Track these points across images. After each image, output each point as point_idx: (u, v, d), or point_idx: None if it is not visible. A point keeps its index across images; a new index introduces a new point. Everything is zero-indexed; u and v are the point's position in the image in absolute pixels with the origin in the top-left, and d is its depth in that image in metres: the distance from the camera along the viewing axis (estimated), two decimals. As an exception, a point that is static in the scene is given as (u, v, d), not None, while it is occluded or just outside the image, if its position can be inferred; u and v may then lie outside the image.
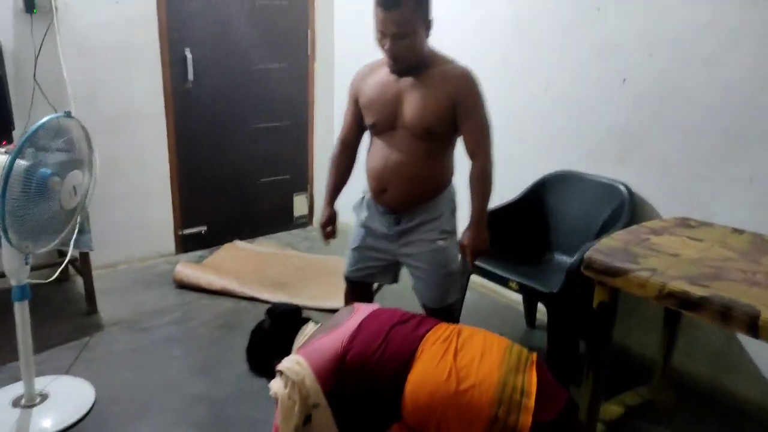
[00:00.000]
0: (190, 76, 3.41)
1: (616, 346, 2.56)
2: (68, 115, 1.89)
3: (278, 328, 1.74)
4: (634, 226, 2.02)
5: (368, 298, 2.26)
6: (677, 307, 1.53)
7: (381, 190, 1.96)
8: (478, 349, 1.45)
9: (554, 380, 1.48)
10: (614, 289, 1.72)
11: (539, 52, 2.76)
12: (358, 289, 2.22)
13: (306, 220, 4.24)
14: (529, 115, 2.86)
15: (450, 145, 1.97)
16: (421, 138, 1.87)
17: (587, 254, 1.74)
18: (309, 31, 3.88)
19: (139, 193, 3.40)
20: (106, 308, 2.85)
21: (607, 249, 1.78)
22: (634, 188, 2.43)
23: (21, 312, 1.99)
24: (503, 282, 2.37)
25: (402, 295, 2.49)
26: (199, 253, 3.67)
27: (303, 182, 4.15)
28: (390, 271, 2.13)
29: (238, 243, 3.77)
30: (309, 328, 1.70)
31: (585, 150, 2.64)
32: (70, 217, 2.00)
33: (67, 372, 2.33)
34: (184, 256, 3.60)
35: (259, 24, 3.63)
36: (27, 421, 2.00)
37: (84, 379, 2.26)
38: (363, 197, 2.12)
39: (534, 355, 1.51)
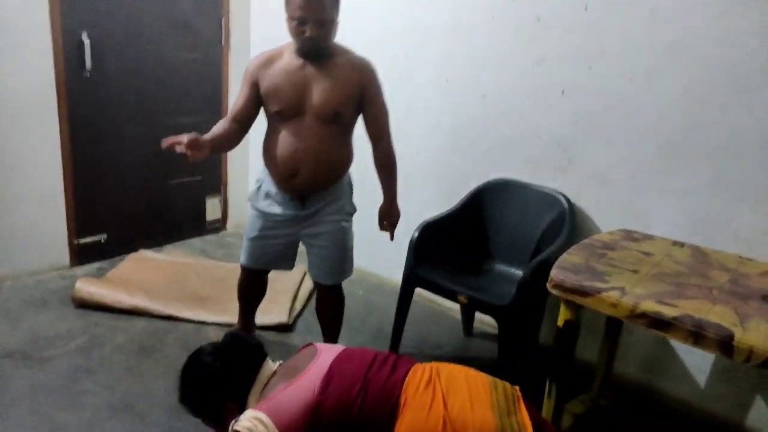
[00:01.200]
0: (88, 64, 3.00)
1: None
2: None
3: (234, 366, 1.52)
4: (586, 241, 2.05)
5: (262, 288, 2.41)
6: (648, 326, 1.55)
7: (290, 175, 2.03)
8: (466, 393, 1.36)
9: (538, 415, 1.43)
10: (579, 308, 1.72)
11: (478, 59, 2.73)
12: (256, 278, 2.36)
13: (219, 225, 3.94)
14: (467, 122, 2.83)
15: (351, 130, 2.12)
16: (329, 122, 2.00)
17: (555, 273, 1.72)
18: (223, 19, 3.59)
19: (26, 199, 2.95)
20: (-8, 336, 2.44)
21: (571, 266, 1.77)
22: (573, 198, 2.48)
23: None
24: (451, 295, 2.31)
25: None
26: (97, 264, 3.27)
27: (216, 184, 3.84)
28: (289, 257, 2.27)
29: (144, 252, 3.40)
30: (267, 369, 1.52)
31: (524, 159, 2.66)
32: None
33: (-50, 421, 1.94)
34: (80, 269, 3.19)
35: (170, 7, 3.29)
36: None
37: (-26, 429, 1.90)
38: (259, 186, 2.19)
39: (517, 390, 1.46)
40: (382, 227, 2.28)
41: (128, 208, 3.41)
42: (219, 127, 2.10)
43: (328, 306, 2.36)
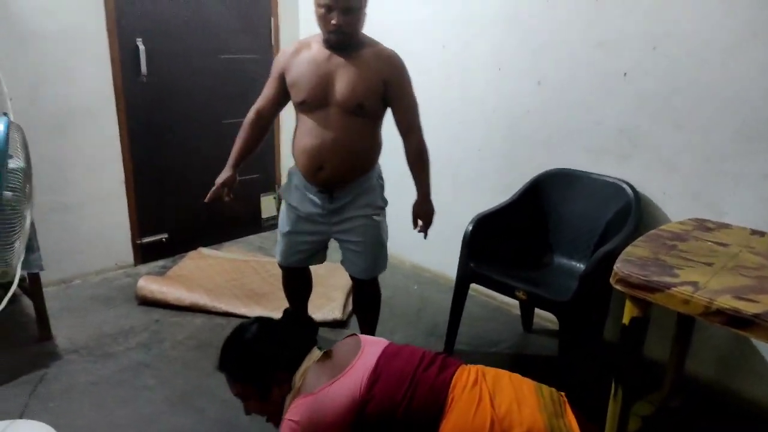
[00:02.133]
0: (144, 69, 3.08)
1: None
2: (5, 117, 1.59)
3: (289, 341, 1.51)
4: (653, 231, 1.91)
5: (305, 283, 2.38)
6: (726, 325, 1.41)
7: (317, 168, 2.01)
8: (512, 394, 1.31)
9: (584, 419, 1.36)
10: (648, 304, 1.59)
11: (532, 45, 2.61)
12: (295, 275, 2.33)
13: (275, 222, 3.97)
14: (523, 111, 2.71)
15: (379, 122, 2.08)
16: (354, 114, 1.96)
17: (619, 267, 1.60)
18: (272, 19, 3.61)
19: (92, 200, 3.06)
20: (62, 332, 2.54)
21: (637, 259, 1.65)
22: (638, 187, 2.33)
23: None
24: (508, 291, 2.22)
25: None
26: (161, 263, 3.37)
27: (270, 182, 3.88)
28: (321, 253, 2.26)
29: (203, 250, 3.48)
30: (313, 356, 1.50)
31: (584, 147, 2.52)
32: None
33: (21, 414, 2.03)
34: (144, 267, 3.29)
35: (220, 10, 3.33)
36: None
37: (43, 423, 1.97)
38: (289, 179, 2.18)
39: (563, 395, 1.40)
40: (415, 224, 2.19)
41: (187, 207, 3.48)
42: (241, 138, 2.18)
43: (364, 300, 2.34)
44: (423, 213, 2.16)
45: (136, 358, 2.39)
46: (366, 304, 2.35)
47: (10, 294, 1.82)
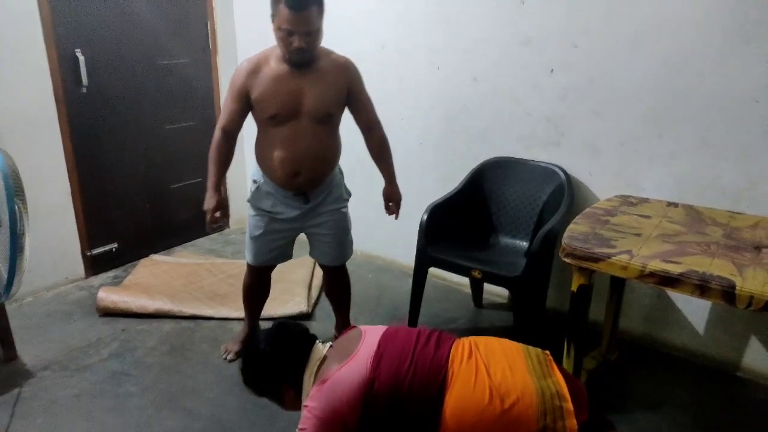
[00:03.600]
0: (84, 80, 3.04)
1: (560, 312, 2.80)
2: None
3: (285, 352, 1.63)
4: (588, 209, 2.20)
5: (269, 283, 2.52)
6: (657, 284, 1.71)
7: (293, 175, 2.14)
8: (504, 360, 1.47)
9: (569, 374, 1.54)
10: (592, 272, 1.87)
11: (466, 43, 2.84)
12: (263, 275, 2.47)
13: (223, 223, 4.02)
14: (460, 106, 2.95)
15: (339, 124, 2.25)
16: (322, 122, 2.13)
17: (566, 243, 1.86)
18: (209, 22, 3.63)
19: (38, 216, 2.97)
20: (27, 351, 2.52)
21: (579, 235, 1.92)
22: (568, 170, 2.63)
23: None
24: (464, 271, 2.46)
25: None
26: (112, 273, 3.35)
27: (215, 184, 3.91)
28: (290, 249, 2.42)
29: (155, 257, 3.49)
30: (318, 351, 1.64)
31: (518, 137, 2.79)
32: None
33: (6, 434, 2.04)
34: (96, 279, 3.27)
35: (156, 16, 3.33)
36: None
37: (33, 439, 2.00)
38: (257, 187, 2.28)
39: (548, 354, 1.57)
40: (388, 208, 2.42)
41: (135, 215, 3.48)
42: (215, 160, 2.26)
43: (339, 285, 2.55)
44: (394, 198, 2.39)
45: (112, 367, 2.43)
46: (339, 289, 2.55)
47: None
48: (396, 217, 2.43)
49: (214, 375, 2.38)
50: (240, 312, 2.78)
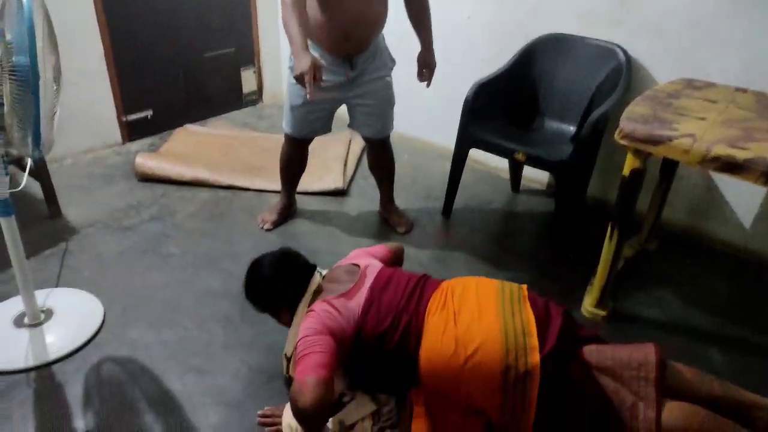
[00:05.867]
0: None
1: (600, 201, 2.73)
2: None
3: (284, 280, 1.67)
4: (649, 92, 2.06)
5: (306, 156, 2.49)
6: (720, 171, 1.61)
7: (343, 39, 2.05)
8: (475, 306, 1.47)
9: (545, 302, 1.52)
10: (647, 156, 1.78)
11: None
12: (301, 147, 2.43)
13: (256, 97, 3.94)
14: (516, -26, 2.71)
15: None
16: None
17: (624, 124, 1.75)
18: None
19: (73, 78, 2.88)
20: (70, 210, 2.58)
21: (639, 117, 1.81)
22: (629, 50, 2.44)
23: (9, 228, 1.75)
24: (507, 153, 2.37)
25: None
26: (148, 140, 3.35)
27: (250, 55, 3.78)
28: (330, 121, 2.35)
29: (189, 127, 3.46)
30: (316, 281, 1.66)
31: (576, 12, 2.57)
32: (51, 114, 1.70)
33: (57, 284, 2.13)
34: (133, 145, 3.27)
35: None
36: (41, 341, 1.84)
37: (81, 290, 2.09)
38: None
39: (524, 289, 1.55)
40: (421, 75, 2.30)
41: (169, 83, 3.40)
42: (297, 21, 1.91)
43: (383, 158, 2.51)
44: (428, 63, 2.27)
45: (153, 229, 2.48)
46: (383, 163, 2.52)
47: (28, 168, 1.86)
48: (428, 85, 2.31)
49: (252, 241, 2.42)
50: (276, 184, 2.77)
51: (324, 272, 1.71)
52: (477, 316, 1.45)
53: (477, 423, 1.42)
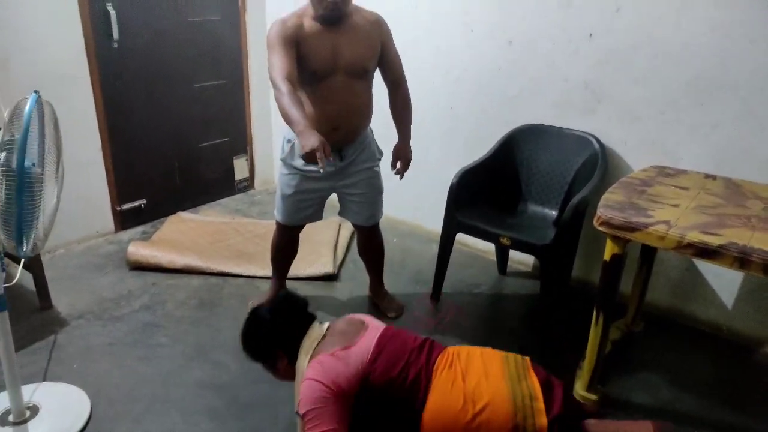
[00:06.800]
0: (115, 35, 3.04)
1: (584, 282, 2.78)
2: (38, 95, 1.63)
3: (284, 323, 1.69)
4: (624, 179, 2.16)
5: (297, 242, 2.54)
6: (695, 256, 1.68)
7: (331, 130, 2.11)
8: (482, 368, 1.53)
9: (547, 374, 1.58)
10: (626, 242, 1.85)
11: (502, 4, 2.77)
12: (292, 234, 2.48)
13: (248, 184, 4.05)
14: (494, 69, 2.89)
15: (372, 80, 2.25)
16: (358, 77, 2.15)
17: (602, 212, 1.83)
18: (238, -21, 3.59)
19: (70, 168, 2.98)
20: (61, 301, 2.58)
21: (615, 204, 1.89)
22: (602, 139, 2.58)
23: (1, 323, 1.75)
24: (493, 238, 2.44)
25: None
26: (140, 228, 3.40)
27: (242, 144, 3.93)
28: (321, 208, 2.42)
29: (182, 214, 3.53)
30: (316, 331, 1.68)
31: (552, 103, 2.74)
32: (53, 211, 1.76)
33: (44, 377, 2.11)
34: (125, 234, 3.32)
35: (186, -28, 3.29)
36: (25, 440, 1.80)
37: (68, 384, 2.06)
38: (292, 145, 2.24)
39: (528, 360, 1.62)
40: (395, 167, 2.37)
41: (163, 172, 3.51)
42: (295, 106, 1.90)
43: (373, 244, 2.58)
44: (403, 156, 2.36)
45: (143, 319, 2.48)
46: (372, 249, 2.59)
47: (22, 264, 1.89)
48: (401, 178, 2.39)
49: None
50: (267, 271, 2.81)
51: (326, 324, 1.72)
52: (484, 376, 1.49)
53: None
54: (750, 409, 2.07)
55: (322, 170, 1.84)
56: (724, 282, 2.45)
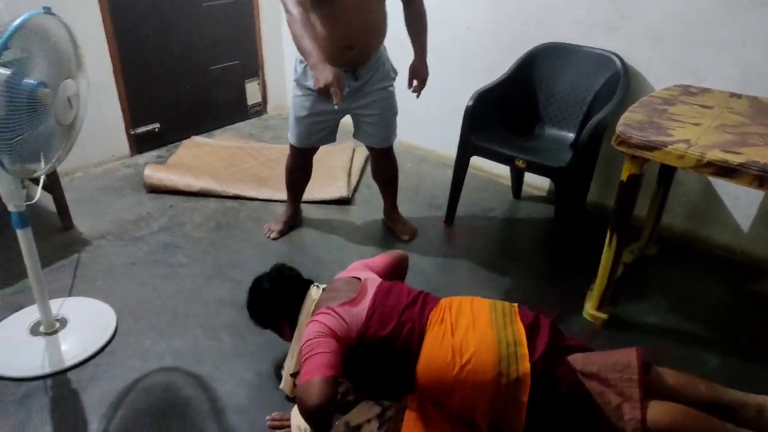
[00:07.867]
0: (122, -51, 2.93)
1: (600, 206, 2.77)
2: (48, 11, 1.59)
3: (281, 293, 1.74)
4: (645, 98, 2.10)
5: (310, 166, 2.54)
6: (715, 175, 1.66)
7: (346, 48, 2.07)
8: (470, 318, 1.54)
9: (535, 315, 1.59)
10: (643, 162, 1.82)
11: None
12: (306, 157, 2.48)
13: (260, 109, 4.00)
14: (514, -16, 2.76)
15: None
16: None
17: (621, 131, 1.80)
18: None
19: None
20: (82, 222, 2.64)
21: (635, 123, 1.85)
22: (625, 58, 2.49)
23: (25, 239, 1.81)
24: (508, 161, 2.42)
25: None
26: (156, 152, 3.41)
27: (253, 68, 3.85)
28: (335, 131, 2.40)
29: (196, 139, 3.53)
30: (313, 294, 1.71)
31: (574, 20, 2.63)
32: (67, 132, 1.76)
33: (70, 293, 2.19)
34: (141, 158, 3.34)
35: None
36: (57, 349, 1.89)
37: (94, 299, 2.14)
38: (305, 66, 2.17)
39: (515, 306, 1.62)
40: (411, 85, 2.30)
41: (176, 96, 3.48)
42: (308, 35, 1.91)
43: (386, 167, 2.56)
44: (420, 73, 2.28)
45: (163, 240, 2.54)
46: (387, 171, 2.57)
47: (41, 182, 1.92)
48: (418, 96, 2.33)
49: (259, 250, 2.48)
50: (282, 194, 2.83)
51: (322, 286, 1.77)
52: (472, 326, 1.52)
53: None
54: (761, 333, 2.09)
55: (337, 106, 1.82)
56: (741, 204, 2.42)
